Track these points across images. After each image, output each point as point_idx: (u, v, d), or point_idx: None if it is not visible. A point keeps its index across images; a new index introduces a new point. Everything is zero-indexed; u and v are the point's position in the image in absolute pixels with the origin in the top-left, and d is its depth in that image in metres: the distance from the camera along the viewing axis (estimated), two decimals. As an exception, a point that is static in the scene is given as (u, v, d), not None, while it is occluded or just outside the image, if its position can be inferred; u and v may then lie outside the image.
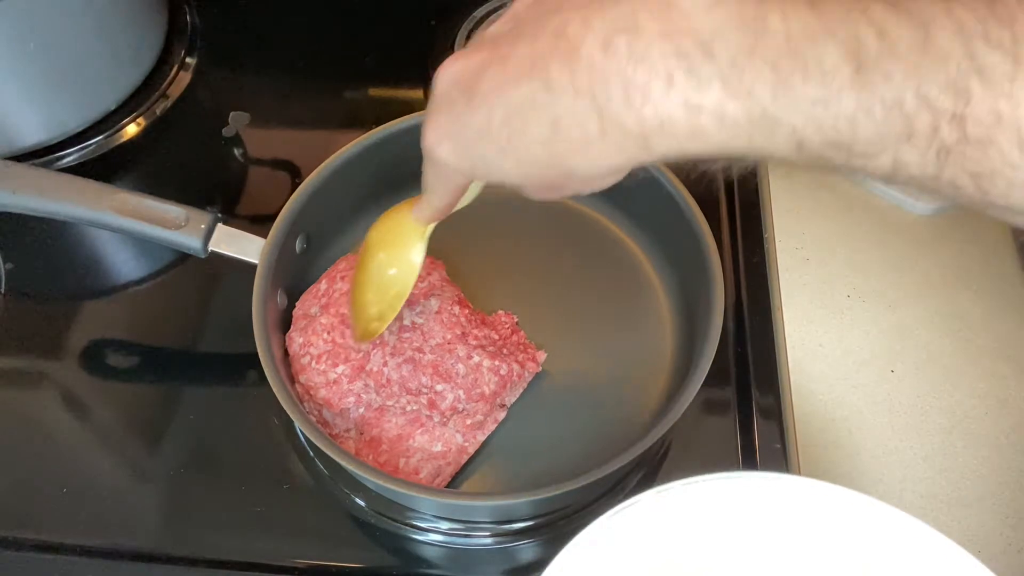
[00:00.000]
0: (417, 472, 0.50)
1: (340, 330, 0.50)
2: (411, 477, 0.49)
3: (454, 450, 0.50)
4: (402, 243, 0.46)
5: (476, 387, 0.50)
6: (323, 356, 0.50)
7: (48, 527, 0.51)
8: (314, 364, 0.50)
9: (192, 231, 0.51)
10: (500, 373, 0.50)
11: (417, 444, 0.50)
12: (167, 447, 0.54)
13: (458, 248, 0.56)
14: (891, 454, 0.52)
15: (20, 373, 0.57)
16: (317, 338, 0.51)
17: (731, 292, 0.58)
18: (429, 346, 0.50)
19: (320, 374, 0.50)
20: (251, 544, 0.50)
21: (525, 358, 0.53)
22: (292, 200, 0.53)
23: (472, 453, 0.51)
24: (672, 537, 0.38)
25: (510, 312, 0.55)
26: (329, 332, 0.50)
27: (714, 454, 0.53)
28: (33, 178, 0.52)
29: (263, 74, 0.73)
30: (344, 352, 0.50)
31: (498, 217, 0.58)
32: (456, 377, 0.50)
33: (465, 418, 0.50)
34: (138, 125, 0.70)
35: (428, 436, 0.50)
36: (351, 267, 0.52)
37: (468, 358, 0.50)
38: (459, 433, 0.50)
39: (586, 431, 0.53)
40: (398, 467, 0.50)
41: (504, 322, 0.54)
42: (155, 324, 0.59)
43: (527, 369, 0.52)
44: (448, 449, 0.50)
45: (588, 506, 0.51)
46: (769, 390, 0.54)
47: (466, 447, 0.51)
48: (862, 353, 0.56)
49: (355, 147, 0.56)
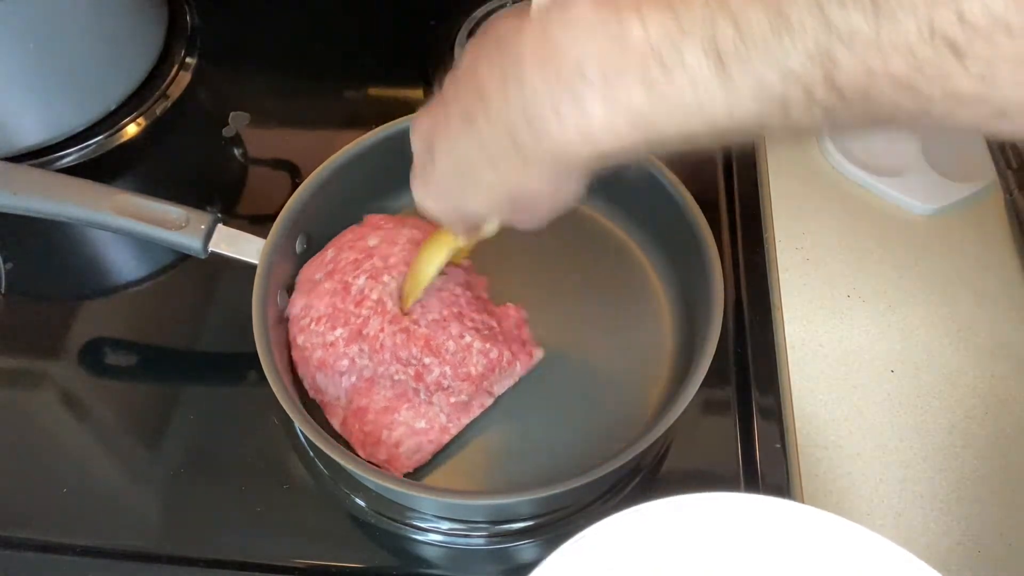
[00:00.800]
0: (398, 445, 0.50)
1: (342, 295, 0.52)
2: (392, 450, 0.50)
3: (436, 429, 0.51)
4: (437, 242, 0.49)
5: (463, 366, 0.50)
6: (323, 319, 0.51)
7: (48, 527, 0.51)
8: (313, 326, 0.51)
9: (192, 232, 0.51)
10: (489, 356, 0.51)
11: (402, 418, 0.51)
12: (167, 447, 0.54)
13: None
14: (891, 454, 0.52)
15: (20, 373, 0.57)
16: (319, 301, 0.52)
17: (731, 292, 0.58)
18: (425, 320, 0.51)
19: (319, 335, 0.51)
20: (251, 544, 0.50)
21: (519, 350, 0.53)
22: (292, 200, 0.54)
23: (454, 435, 0.51)
24: (655, 554, 0.38)
25: (520, 307, 0.55)
26: (331, 296, 0.52)
27: (713, 454, 0.53)
28: (33, 179, 0.52)
29: (263, 74, 0.74)
30: (344, 316, 0.51)
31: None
32: (445, 353, 0.50)
33: (449, 396, 0.51)
34: (138, 125, 0.70)
35: (413, 412, 0.51)
36: (358, 238, 0.54)
37: (460, 337, 0.51)
38: (443, 413, 0.51)
39: (585, 430, 0.53)
40: (380, 438, 0.50)
41: (511, 315, 0.55)
42: (155, 324, 0.59)
43: (519, 360, 0.52)
44: (431, 427, 0.51)
45: (588, 506, 0.51)
46: (769, 390, 0.54)
47: (449, 427, 0.51)
48: (862, 353, 0.56)
49: (355, 147, 0.56)
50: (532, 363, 0.53)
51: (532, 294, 0.57)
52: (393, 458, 0.50)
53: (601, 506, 0.52)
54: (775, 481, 0.51)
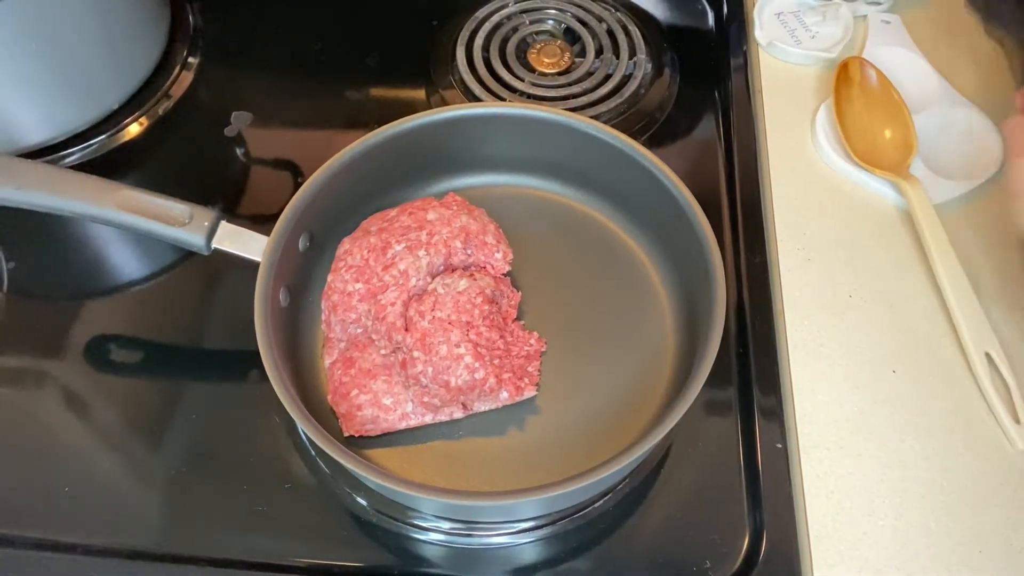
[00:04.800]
0: (359, 408, 0.52)
1: (376, 254, 0.54)
2: (351, 409, 0.52)
3: (398, 413, 0.52)
4: None
5: (445, 373, 0.50)
6: (353, 268, 0.54)
7: (49, 525, 0.51)
8: (344, 271, 0.54)
9: (196, 228, 0.51)
10: (474, 375, 0.50)
11: (376, 387, 0.52)
12: (168, 445, 0.54)
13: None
14: (893, 454, 0.52)
15: (22, 371, 0.57)
16: (359, 251, 0.54)
17: (733, 292, 0.58)
18: (432, 315, 0.51)
19: (342, 282, 0.54)
20: (252, 543, 0.50)
21: (512, 380, 0.52)
22: (296, 198, 0.54)
23: (412, 427, 0.52)
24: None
25: (543, 340, 0.55)
26: (369, 251, 0.54)
27: (716, 455, 0.53)
28: (38, 173, 0.52)
29: (265, 74, 0.74)
30: (368, 274, 0.53)
31: (500, 218, 0.58)
32: (433, 354, 0.50)
33: (423, 394, 0.51)
34: (140, 125, 0.70)
35: (386, 386, 0.52)
36: (422, 207, 0.56)
37: (455, 345, 0.50)
38: (411, 402, 0.52)
39: (587, 431, 0.53)
40: (349, 394, 0.52)
41: (528, 344, 0.55)
42: (157, 323, 0.59)
43: (506, 389, 0.51)
44: (393, 409, 0.52)
45: (590, 506, 0.52)
46: (770, 390, 0.55)
47: (409, 417, 0.52)
48: (864, 353, 0.56)
49: (358, 147, 0.56)
50: (519, 398, 0.52)
51: (534, 293, 0.57)
52: (349, 416, 0.52)
53: (602, 506, 0.52)
54: (776, 481, 0.51)
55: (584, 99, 0.69)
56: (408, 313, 0.52)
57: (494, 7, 0.75)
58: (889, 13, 0.72)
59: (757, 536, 0.50)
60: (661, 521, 0.51)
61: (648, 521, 0.51)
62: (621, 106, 0.69)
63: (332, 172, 0.55)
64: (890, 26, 0.71)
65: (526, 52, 0.73)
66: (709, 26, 0.77)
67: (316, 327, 0.56)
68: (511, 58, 0.72)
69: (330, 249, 0.57)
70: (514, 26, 0.74)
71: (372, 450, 0.52)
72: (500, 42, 0.73)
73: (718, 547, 0.50)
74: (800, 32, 0.72)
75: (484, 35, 0.73)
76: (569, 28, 0.75)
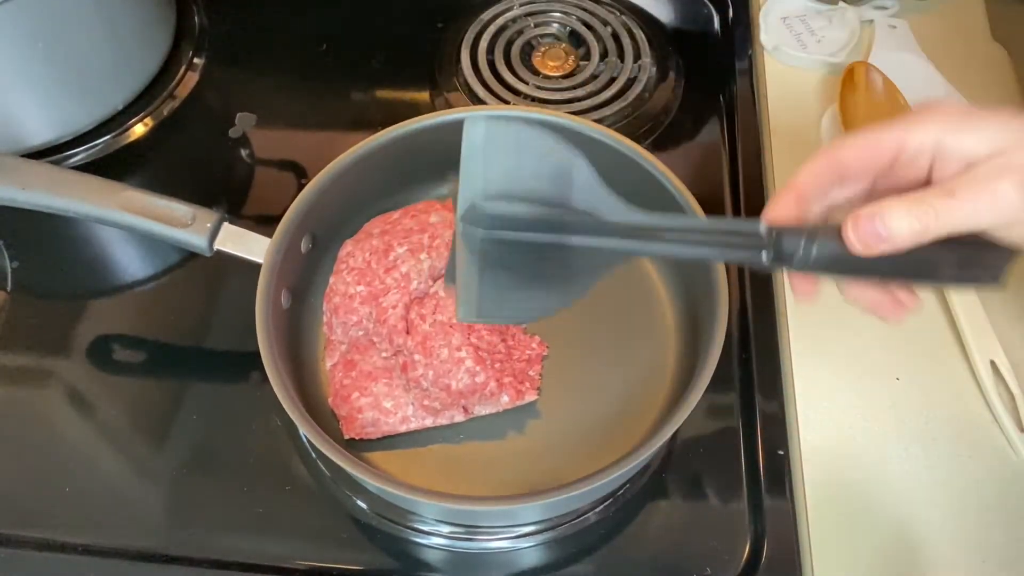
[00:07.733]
0: (360, 411, 0.52)
1: (379, 256, 0.54)
2: (352, 411, 0.52)
3: (398, 417, 0.52)
4: None
5: (446, 377, 0.50)
6: (355, 271, 0.54)
7: (51, 525, 0.51)
8: (345, 273, 0.54)
9: (198, 229, 0.51)
10: (475, 379, 0.50)
11: (376, 389, 0.52)
12: (170, 447, 0.54)
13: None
14: (896, 461, 0.52)
15: (26, 371, 0.57)
16: (361, 254, 0.54)
17: (735, 297, 0.58)
18: (434, 318, 0.51)
19: (344, 284, 0.54)
20: (252, 545, 0.50)
21: (513, 384, 0.52)
22: (299, 200, 0.54)
23: (413, 429, 0.52)
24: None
25: (545, 343, 0.55)
26: (371, 254, 0.54)
27: (717, 460, 0.53)
28: (42, 174, 0.52)
29: (270, 75, 0.74)
30: (370, 276, 0.53)
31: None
32: (434, 358, 0.50)
33: (424, 397, 0.51)
34: (145, 125, 0.70)
35: (387, 389, 0.52)
36: (425, 210, 0.56)
37: (457, 348, 0.51)
38: (412, 405, 0.52)
39: (588, 436, 0.53)
40: (350, 396, 0.52)
41: (530, 348, 0.55)
42: (160, 323, 0.59)
43: (506, 393, 0.52)
44: (394, 412, 0.52)
45: (591, 510, 0.51)
46: (773, 396, 0.54)
47: (409, 420, 0.52)
48: (866, 359, 0.55)
49: (361, 149, 0.56)
50: (519, 402, 0.52)
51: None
52: (350, 419, 0.52)
53: (603, 511, 0.52)
54: (778, 487, 0.51)
55: (588, 102, 0.69)
56: (409, 316, 0.52)
57: (499, 10, 0.75)
58: (896, 18, 0.72)
59: (758, 542, 0.50)
60: (662, 526, 0.51)
61: (649, 526, 0.51)
62: (625, 109, 0.69)
63: (335, 174, 0.55)
64: (896, 31, 0.71)
65: (530, 55, 0.73)
66: (714, 30, 0.77)
67: (317, 329, 0.56)
68: (515, 61, 0.72)
69: (332, 251, 0.57)
70: (519, 29, 0.74)
71: (373, 453, 0.52)
72: (505, 45, 0.73)
73: (719, 553, 0.50)
74: (806, 36, 0.71)
75: (489, 37, 0.73)
76: (574, 31, 0.75)
